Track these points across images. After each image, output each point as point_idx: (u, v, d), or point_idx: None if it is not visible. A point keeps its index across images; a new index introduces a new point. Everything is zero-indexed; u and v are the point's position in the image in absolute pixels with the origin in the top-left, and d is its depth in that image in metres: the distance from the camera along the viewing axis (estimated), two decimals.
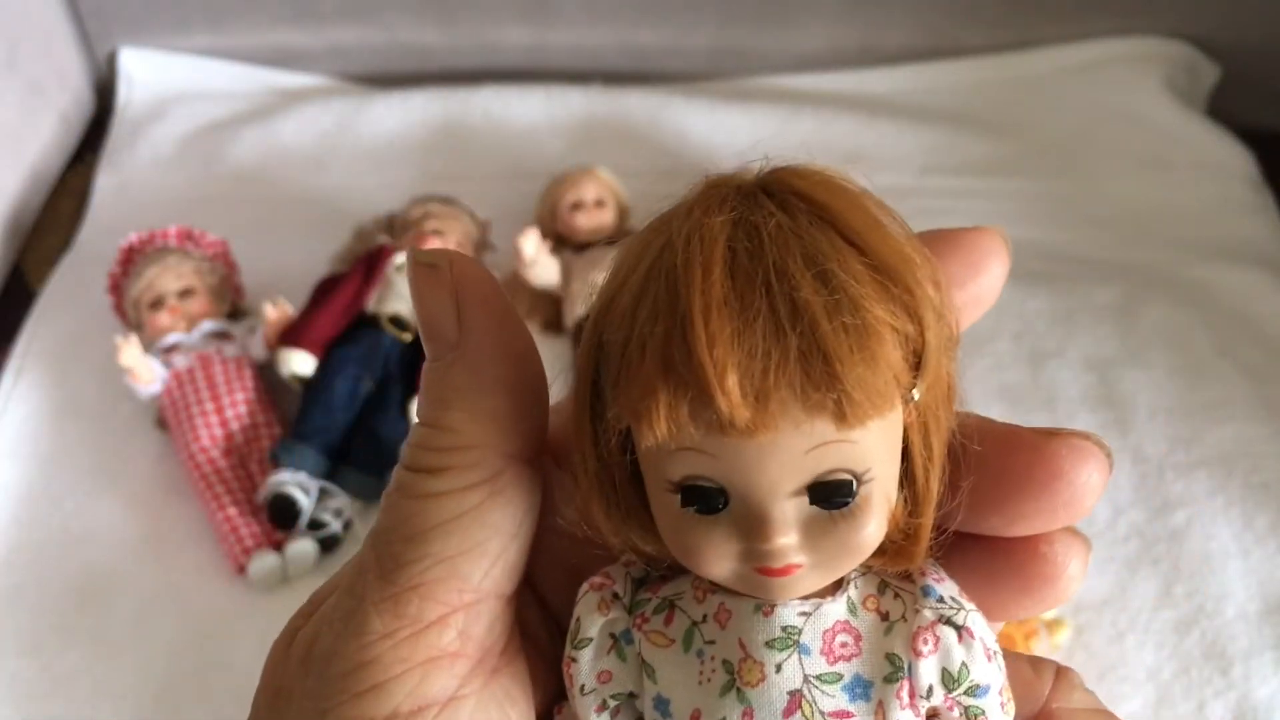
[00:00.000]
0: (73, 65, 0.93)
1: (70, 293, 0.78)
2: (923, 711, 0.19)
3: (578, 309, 0.72)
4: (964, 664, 0.19)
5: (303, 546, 0.62)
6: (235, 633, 0.60)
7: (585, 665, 0.20)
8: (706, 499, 0.18)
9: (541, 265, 0.73)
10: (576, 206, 0.77)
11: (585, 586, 0.20)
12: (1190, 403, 0.69)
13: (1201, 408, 0.69)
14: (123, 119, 0.91)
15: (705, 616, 0.19)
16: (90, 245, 0.82)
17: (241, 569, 0.62)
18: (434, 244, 0.73)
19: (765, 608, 0.19)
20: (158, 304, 0.70)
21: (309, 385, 0.67)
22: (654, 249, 0.18)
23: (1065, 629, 0.58)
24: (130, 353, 0.65)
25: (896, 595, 0.19)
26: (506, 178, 0.85)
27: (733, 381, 0.16)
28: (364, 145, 0.88)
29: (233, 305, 0.74)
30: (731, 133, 0.87)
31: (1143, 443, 0.67)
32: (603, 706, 0.20)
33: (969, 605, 0.19)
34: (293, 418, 0.66)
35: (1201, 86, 0.91)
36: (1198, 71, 0.90)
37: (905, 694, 0.19)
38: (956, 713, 0.19)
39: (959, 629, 0.19)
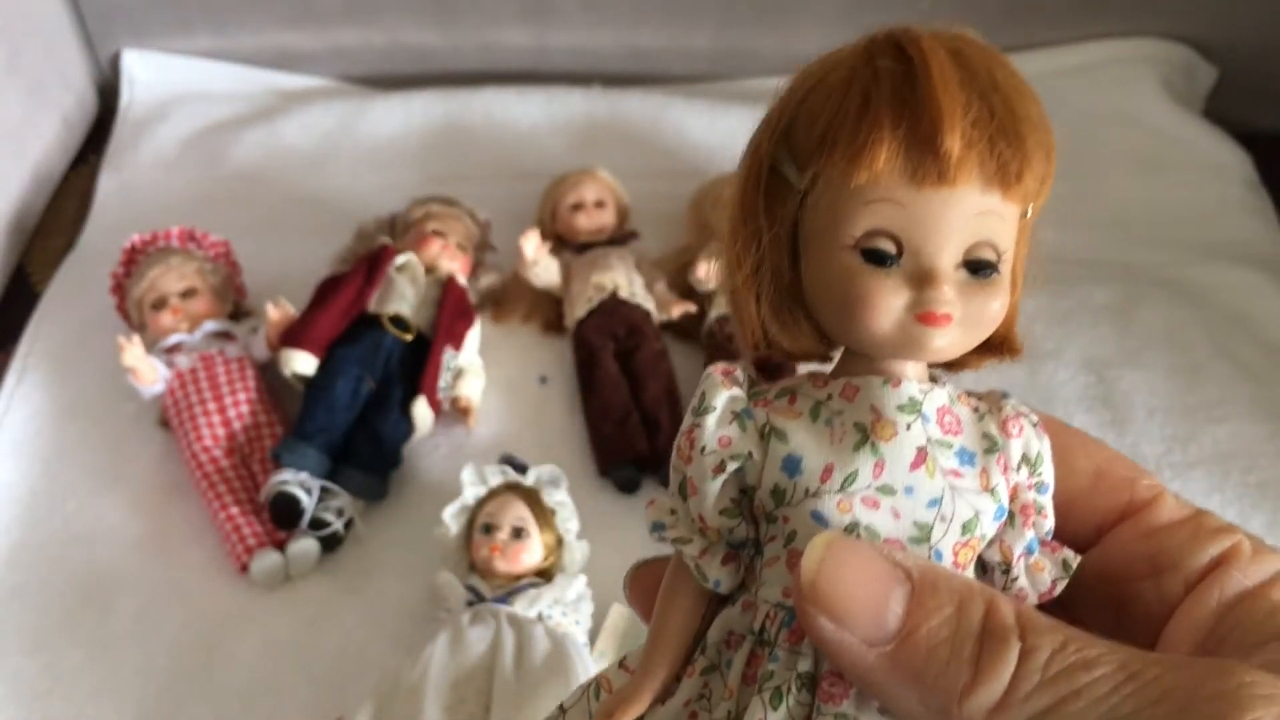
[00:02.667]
0: (75, 67, 0.93)
1: (73, 293, 0.79)
2: (1010, 485, 0.23)
3: (578, 309, 0.73)
4: (1040, 453, 0.23)
5: (304, 546, 0.62)
6: (237, 631, 0.60)
7: (709, 429, 0.23)
8: (882, 255, 0.22)
9: (542, 266, 0.73)
10: (577, 207, 0.78)
11: (709, 370, 0.24)
12: (1187, 403, 0.69)
13: (1198, 408, 0.69)
14: (125, 120, 0.92)
15: (830, 396, 0.23)
16: (93, 246, 0.83)
17: (244, 568, 0.62)
18: (435, 244, 0.73)
19: (893, 380, 0.23)
20: (160, 304, 0.70)
21: (311, 385, 0.67)
22: (856, 50, 0.22)
23: None
24: (133, 353, 0.66)
25: (981, 399, 0.24)
26: (507, 179, 0.85)
27: (958, 118, 0.21)
28: (365, 146, 0.88)
29: (235, 305, 0.74)
30: (731, 134, 0.87)
31: (1140, 442, 0.67)
32: (720, 468, 0.23)
33: (1038, 418, 0.24)
34: (295, 417, 0.67)
35: (1199, 88, 0.91)
36: (1195, 73, 0.90)
37: (1001, 464, 0.23)
38: (1030, 497, 0.23)
39: (1034, 425, 0.24)
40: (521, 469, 0.62)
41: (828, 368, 0.24)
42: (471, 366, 0.71)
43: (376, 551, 0.64)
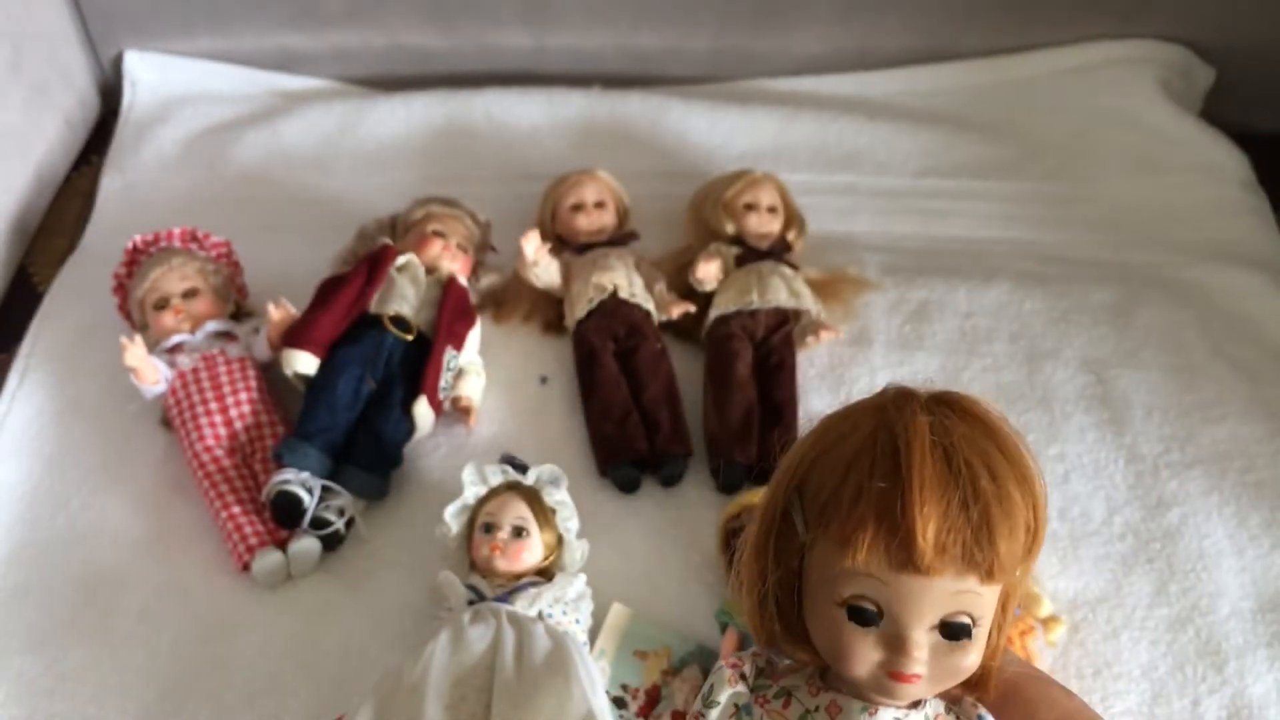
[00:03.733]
0: (78, 68, 0.93)
1: (75, 293, 0.79)
2: None
3: (578, 309, 0.73)
4: None
5: (306, 545, 0.63)
6: (239, 630, 0.60)
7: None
8: (865, 615, 0.26)
9: (542, 266, 0.73)
10: (577, 208, 0.78)
11: (720, 664, 0.28)
12: (1185, 402, 0.70)
13: (1196, 407, 0.69)
14: (127, 121, 0.92)
15: (818, 707, 0.27)
16: (95, 246, 0.83)
17: (245, 567, 0.62)
18: (436, 245, 0.73)
19: (870, 709, 0.27)
20: (162, 304, 0.70)
21: (312, 385, 0.67)
22: (865, 428, 0.27)
23: (1061, 626, 0.59)
24: (135, 353, 0.66)
25: (958, 716, 0.28)
26: (507, 179, 0.86)
27: (930, 534, 0.25)
28: (366, 147, 0.89)
29: (237, 305, 0.74)
30: (730, 135, 0.88)
31: (1138, 442, 0.68)
32: None
33: None
34: (296, 417, 0.67)
35: (1196, 89, 0.91)
36: (1193, 74, 0.90)
37: None
38: None
39: None
40: (522, 468, 0.62)
41: None
42: (472, 366, 0.72)
43: (378, 550, 0.64)
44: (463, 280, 0.73)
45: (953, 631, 0.26)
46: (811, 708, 0.27)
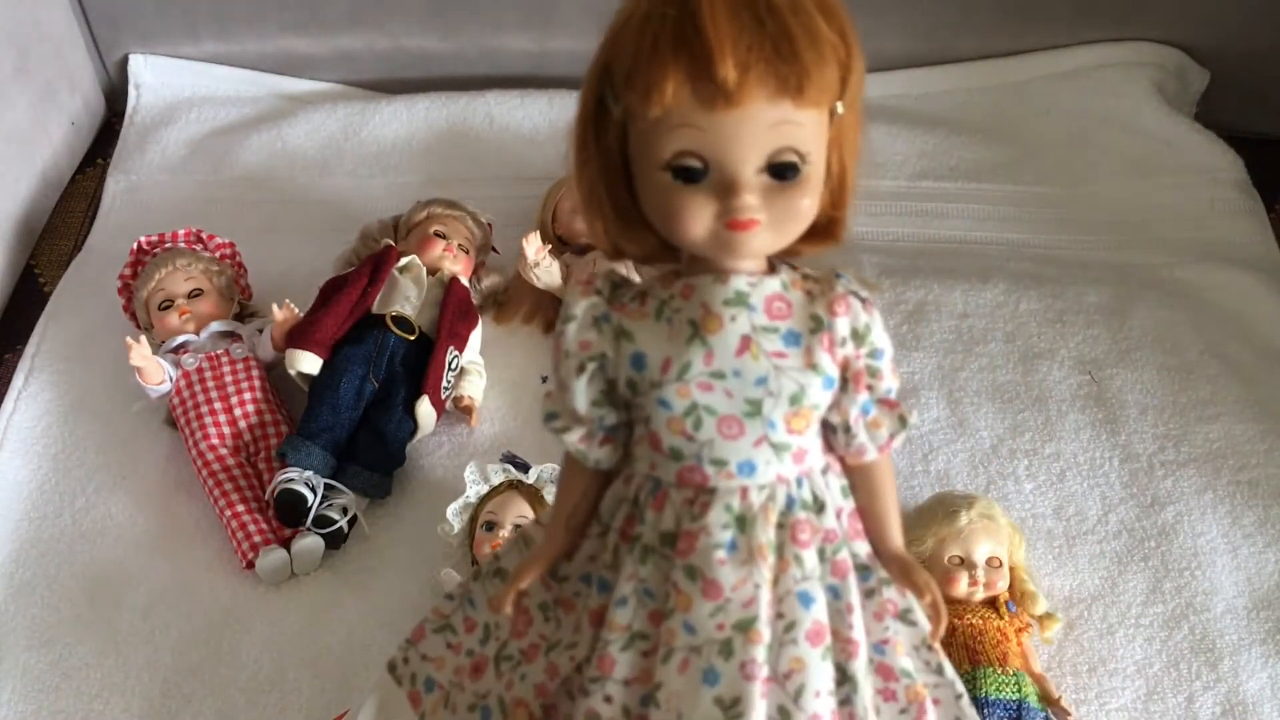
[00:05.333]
0: (83, 71, 0.94)
1: (81, 294, 0.80)
2: (838, 359, 0.27)
3: None
4: (867, 324, 0.28)
5: (309, 543, 0.63)
6: (243, 627, 0.61)
7: (570, 334, 0.28)
8: (691, 172, 0.25)
9: (543, 267, 0.74)
10: (577, 210, 0.79)
11: (572, 282, 0.29)
12: (1179, 402, 0.70)
13: (1190, 406, 0.70)
14: (132, 124, 0.93)
15: (672, 295, 0.27)
16: (101, 247, 0.84)
17: (249, 565, 0.63)
18: (438, 246, 0.74)
19: (722, 277, 0.27)
20: (167, 305, 0.71)
21: (315, 385, 0.68)
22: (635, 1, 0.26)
23: (1056, 623, 0.59)
24: (140, 352, 0.66)
25: (816, 282, 0.28)
26: (509, 182, 0.86)
27: (728, 49, 0.24)
28: (369, 149, 0.89)
29: (241, 306, 0.75)
30: None
31: (1132, 441, 0.68)
32: (582, 368, 0.28)
33: (869, 293, 0.28)
34: (299, 416, 0.67)
35: (1191, 91, 0.92)
36: (1187, 77, 0.91)
37: (825, 341, 0.27)
38: (862, 364, 0.27)
39: (863, 300, 0.28)
40: (523, 467, 0.62)
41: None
42: (474, 366, 0.72)
43: (380, 548, 0.65)
44: (465, 281, 0.74)
45: (780, 170, 0.25)
46: (666, 296, 0.27)
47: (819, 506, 0.27)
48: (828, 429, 0.28)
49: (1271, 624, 0.60)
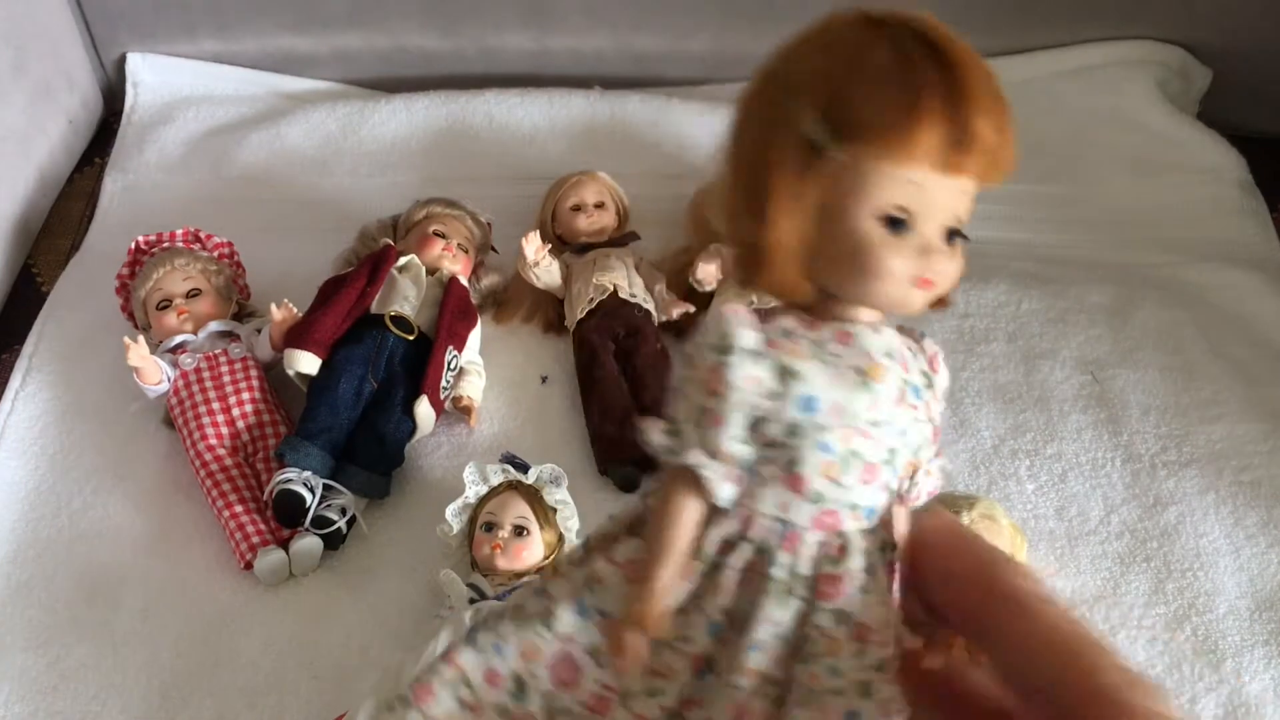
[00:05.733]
0: (81, 70, 0.94)
1: (79, 294, 0.79)
2: (937, 411, 0.28)
3: (579, 310, 0.73)
4: (947, 385, 0.29)
5: (308, 543, 0.63)
6: (241, 628, 0.61)
7: (736, 368, 0.26)
8: (900, 223, 0.26)
9: (543, 267, 0.74)
10: (577, 209, 0.78)
11: (724, 310, 0.27)
12: (1181, 402, 0.70)
13: (1192, 407, 0.70)
14: (130, 123, 0.93)
15: (823, 339, 0.27)
16: (99, 247, 0.83)
17: (248, 565, 0.63)
18: (437, 245, 0.74)
19: (875, 327, 0.27)
20: (165, 304, 0.71)
21: (314, 385, 0.68)
22: (868, 37, 0.26)
23: None
24: (138, 352, 0.66)
25: (909, 335, 0.29)
26: (508, 181, 0.86)
27: (989, 128, 0.25)
28: (368, 148, 0.89)
29: (239, 306, 0.74)
30: None
31: (1134, 441, 0.68)
32: (744, 405, 0.26)
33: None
34: (298, 417, 0.67)
35: (1194, 90, 0.92)
36: (1190, 75, 0.91)
37: (935, 395, 0.29)
38: (940, 420, 0.29)
39: (942, 360, 0.29)
40: (523, 468, 0.62)
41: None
42: (473, 366, 0.72)
43: (379, 549, 0.65)
44: (464, 280, 0.74)
45: (953, 235, 0.26)
46: (819, 340, 0.27)
47: (894, 546, 0.28)
48: None
49: (1274, 625, 0.60)
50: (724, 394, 0.26)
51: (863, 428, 0.26)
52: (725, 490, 0.27)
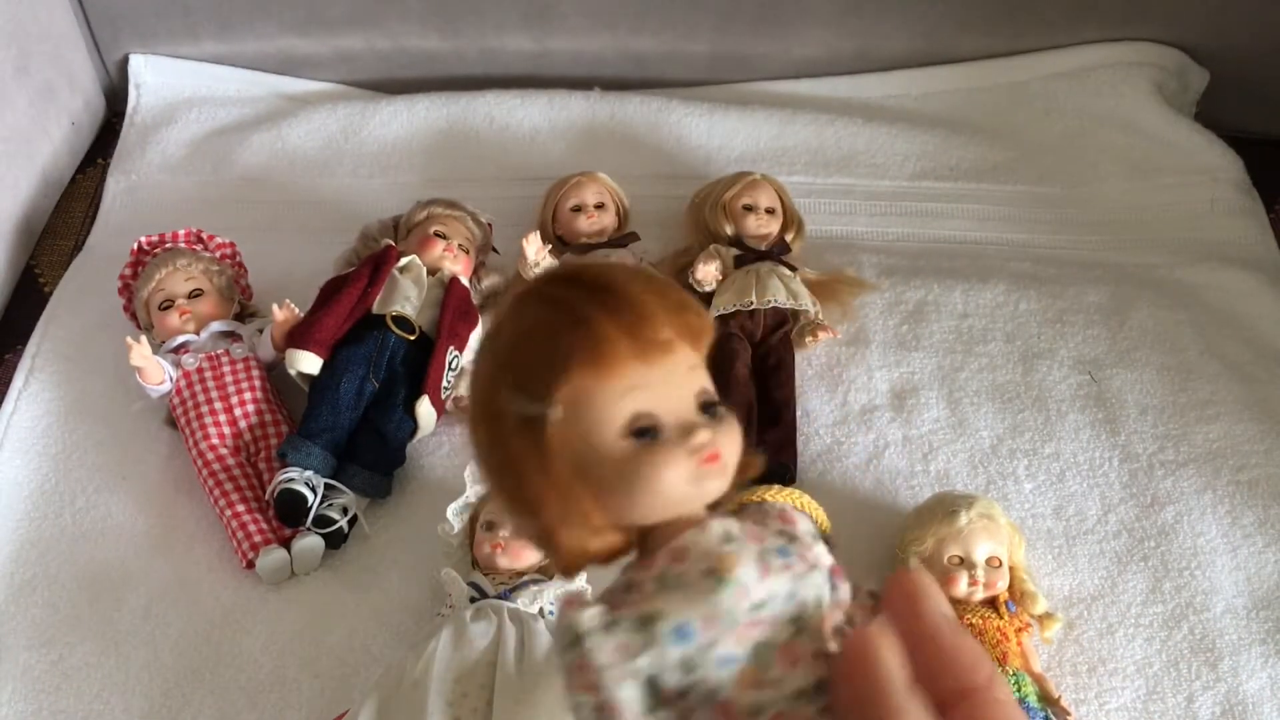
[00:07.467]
0: (84, 71, 0.94)
1: (81, 294, 0.80)
2: (819, 556, 0.27)
3: None
4: (812, 520, 0.28)
5: (309, 543, 0.63)
6: (243, 627, 0.61)
7: (600, 647, 0.24)
8: (649, 431, 0.25)
9: (544, 267, 0.74)
10: (577, 209, 0.79)
11: (559, 608, 0.26)
12: (1179, 402, 0.70)
13: (1190, 406, 0.70)
14: (132, 124, 0.93)
15: (663, 569, 0.25)
16: (101, 247, 0.84)
17: (250, 565, 0.63)
18: (438, 246, 0.74)
19: (700, 527, 0.26)
20: (167, 305, 0.71)
21: (315, 385, 0.68)
22: (523, 308, 0.27)
23: (1056, 623, 0.59)
24: (140, 353, 0.66)
25: (749, 514, 0.28)
26: (509, 181, 0.86)
27: (659, 310, 0.26)
28: (369, 149, 0.89)
29: (241, 306, 0.75)
30: (729, 137, 0.89)
31: (1132, 441, 0.68)
32: (627, 676, 0.24)
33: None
34: (300, 416, 0.67)
35: (1191, 91, 0.92)
36: (1187, 77, 0.91)
37: (804, 545, 0.26)
38: (829, 559, 0.27)
39: (791, 507, 0.28)
40: None
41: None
42: None
43: (380, 548, 0.65)
44: (465, 281, 0.74)
45: (711, 408, 0.26)
46: (659, 573, 0.25)
47: None
48: None
49: (1271, 624, 0.60)
50: (603, 680, 0.24)
51: (750, 620, 0.24)
52: None
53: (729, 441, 0.26)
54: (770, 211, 0.77)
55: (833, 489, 0.66)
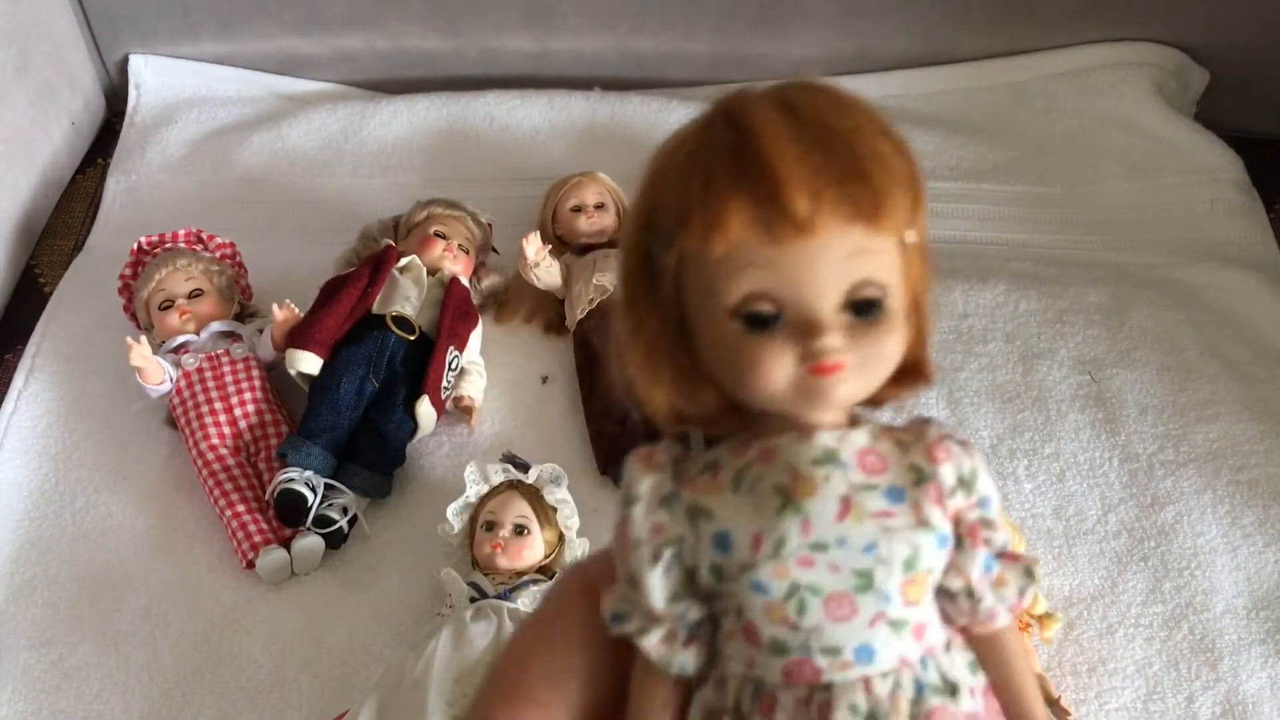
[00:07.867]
0: (83, 71, 0.94)
1: (81, 294, 0.80)
2: (949, 512, 0.23)
3: (579, 310, 0.74)
4: (973, 469, 0.23)
5: (309, 543, 0.63)
6: (243, 627, 0.61)
7: (638, 518, 0.23)
8: (763, 317, 0.22)
9: (544, 267, 0.74)
10: (577, 210, 0.79)
11: (629, 458, 0.24)
12: (1179, 401, 0.70)
13: (1190, 406, 0.70)
14: (132, 124, 0.93)
15: (748, 463, 0.23)
16: (101, 247, 0.84)
17: (250, 565, 0.63)
18: (438, 246, 0.74)
19: (805, 433, 0.23)
20: (167, 305, 0.71)
21: (315, 385, 0.68)
22: (690, 132, 0.23)
23: (1056, 623, 0.59)
24: (140, 353, 0.66)
25: (906, 431, 0.24)
26: (509, 182, 0.86)
27: (795, 174, 0.21)
28: (369, 149, 0.89)
29: (241, 306, 0.75)
30: None
31: (1132, 441, 0.68)
32: (655, 558, 0.23)
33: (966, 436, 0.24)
34: (300, 416, 0.67)
35: (1191, 91, 0.92)
36: (1187, 77, 0.91)
37: (933, 494, 0.23)
38: (975, 516, 0.23)
39: (962, 443, 0.23)
40: (523, 467, 0.62)
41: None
42: (474, 366, 0.72)
43: (380, 548, 0.65)
44: (465, 281, 0.74)
45: (862, 307, 0.22)
46: (743, 465, 0.23)
47: (951, 689, 0.23)
48: (945, 597, 0.24)
49: (1271, 624, 0.60)
50: (634, 551, 0.23)
51: (801, 555, 0.22)
52: (674, 657, 0.23)
53: (870, 350, 0.22)
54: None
55: None
